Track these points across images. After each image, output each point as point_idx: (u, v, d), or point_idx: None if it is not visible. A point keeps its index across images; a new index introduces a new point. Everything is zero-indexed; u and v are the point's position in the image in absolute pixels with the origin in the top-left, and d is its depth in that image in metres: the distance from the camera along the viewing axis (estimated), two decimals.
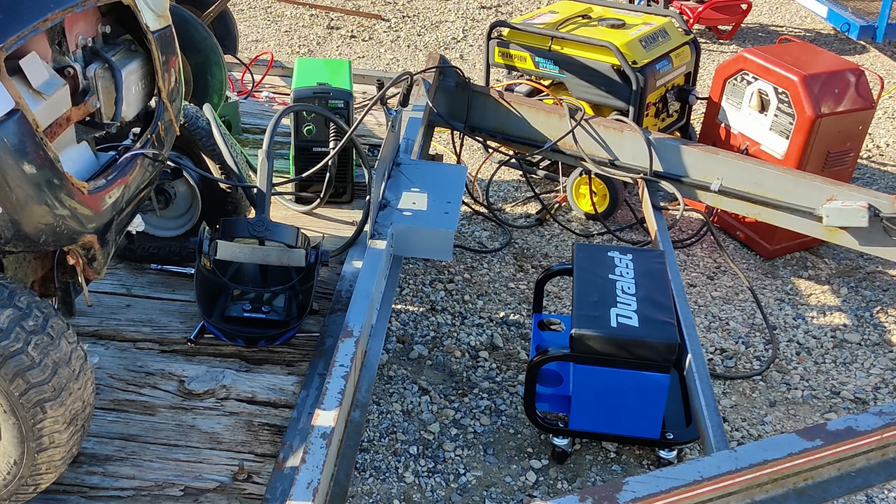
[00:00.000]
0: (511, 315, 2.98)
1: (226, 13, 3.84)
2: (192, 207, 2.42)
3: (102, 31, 1.78)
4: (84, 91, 1.67)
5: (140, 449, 1.87)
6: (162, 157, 1.96)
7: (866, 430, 1.50)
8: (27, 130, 1.43)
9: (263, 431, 1.93)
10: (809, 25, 6.29)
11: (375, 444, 2.39)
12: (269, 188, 2.28)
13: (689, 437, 2.28)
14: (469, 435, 2.45)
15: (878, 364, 2.83)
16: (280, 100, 3.75)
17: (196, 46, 2.95)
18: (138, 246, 2.44)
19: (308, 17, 6.07)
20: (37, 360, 1.43)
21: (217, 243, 2.15)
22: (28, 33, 1.45)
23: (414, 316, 2.95)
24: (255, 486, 1.79)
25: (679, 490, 1.38)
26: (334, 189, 2.80)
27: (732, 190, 2.92)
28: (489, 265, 3.28)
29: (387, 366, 2.68)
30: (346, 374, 1.86)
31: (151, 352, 2.16)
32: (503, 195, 3.83)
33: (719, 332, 2.97)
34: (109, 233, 1.77)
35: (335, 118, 2.64)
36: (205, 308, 2.19)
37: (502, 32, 3.58)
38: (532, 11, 4.13)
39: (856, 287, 3.23)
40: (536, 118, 3.25)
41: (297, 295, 2.28)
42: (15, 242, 1.50)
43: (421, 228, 2.45)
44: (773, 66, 3.20)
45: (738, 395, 2.69)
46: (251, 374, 2.10)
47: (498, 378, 2.68)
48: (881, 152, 4.42)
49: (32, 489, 1.58)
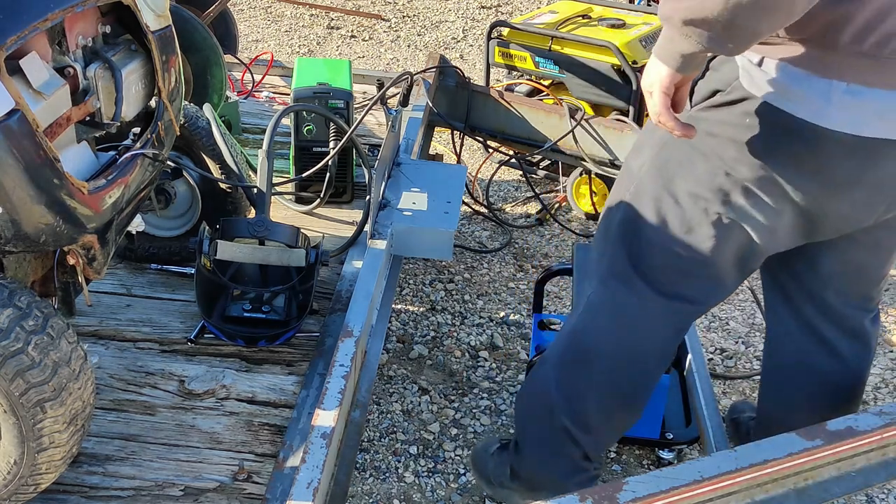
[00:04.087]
0: (511, 315, 2.98)
1: (226, 13, 3.84)
2: (192, 207, 2.42)
3: (102, 31, 1.78)
4: (84, 91, 1.67)
5: (140, 449, 1.87)
6: (162, 157, 1.96)
7: (866, 429, 1.50)
8: (27, 130, 1.43)
9: (263, 431, 1.93)
10: None
11: (375, 444, 2.39)
12: (269, 188, 2.28)
13: (689, 437, 2.28)
14: (469, 435, 2.45)
15: (878, 364, 2.83)
16: (280, 100, 3.75)
17: (196, 46, 2.95)
18: (138, 246, 2.44)
19: (308, 17, 6.07)
20: (37, 360, 1.43)
21: (217, 243, 2.15)
22: (28, 33, 1.45)
23: (414, 316, 2.95)
24: (255, 486, 1.79)
25: (679, 490, 1.38)
26: (334, 189, 2.80)
27: None
28: (489, 265, 3.28)
29: (387, 366, 2.68)
30: (346, 374, 1.86)
31: (151, 352, 2.16)
32: (503, 195, 3.83)
33: (719, 332, 2.97)
34: (109, 233, 1.77)
35: (335, 118, 2.64)
36: (205, 308, 2.19)
37: (502, 32, 3.58)
38: (532, 11, 4.13)
39: None
40: (536, 118, 3.25)
41: (297, 295, 2.28)
42: (15, 242, 1.50)
43: (421, 228, 2.45)
44: None
45: (738, 395, 2.69)
46: (251, 374, 2.10)
47: (498, 378, 2.68)
48: None
49: (32, 489, 1.58)
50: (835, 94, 1.35)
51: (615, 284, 1.73)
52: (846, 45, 1.32)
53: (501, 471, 2.05)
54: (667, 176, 1.60)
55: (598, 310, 1.78)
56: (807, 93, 1.36)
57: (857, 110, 1.36)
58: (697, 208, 1.57)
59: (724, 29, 1.24)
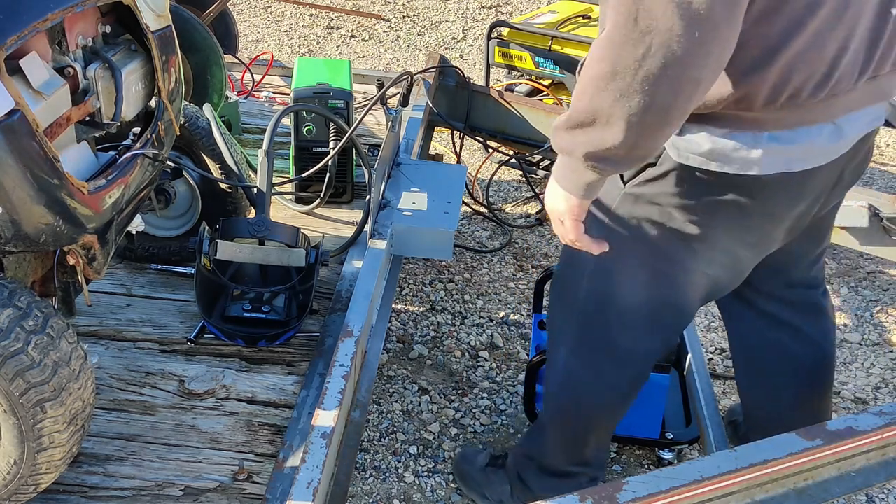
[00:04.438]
0: (511, 315, 2.98)
1: (226, 13, 3.84)
2: (192, 207, 2.42)
3: (102, 31, 1.78)
4: (84, 91, 1.67)
5: (140, 449, 1.87)
6: (162, 157, 1.97)
7: (866, 429, 1.50)
8: (27, 130, 1.43)
9: (263, 431, 1.93)
10: None
11: (375, 444, 2.39)
12: (269, 188, 2.28)
13: (689, 437, 2.28)
14: (469, 434, 2.45)
15: (879, 364, 2.83)
16: (280, 100, 3.75)
17: (196, 46, 2.95)
18: (138, 246, 2.44)
19: (308, 17, 6.07)
20: (37, 360, 1.43)
21: (217, 243, 2.15)
22: (28, 33, 1.45)
23: (414, 316, 2.95)
24: (255, 486, 1.79)
25: (679, 490, 1.38)
26: (334, 189, 2.80)
27: None
28: (489, 265, 3.28)
29: (387, 366, 2.68)
30: (346, 374, 1.86)
31: (151, 352, 2.16)
32: (503, 195, 3.83)
33: (719, 332, 2.97)
34: (109, 233, 1.77)
35: (335, 118, 2.64)
36: (205, 308, 2.19)
37: (502, 32, 3.58)
38: (532, 11, 4.13)
39: (856, 287, 3.23)
40: (536, 118, 3.25)
41: (297, 295, 2.28)
42: (15, 242, 1.50)
43: (421, 228, 2.45)
44: None
45: (738, 394, 2.68)
46: (251, 374, 2.10)
47: (498, 378, 2.68)
48: (881, 152, 4.42)
49: (32, 489, 1.58)
50: (760, 143, 1.39)
51: (587, 354, 1.80)
52: (761, 107, 1.36)
53: (500, 489, 2.12)
54: (624, 249, 1.62)
55: (574, 376, 1.84)
56: (732, 150, 1.41)
57: (783, 153, 1.41)
58: (660, 271, 1.62)
59: (626, 154, 1.28)
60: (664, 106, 1.22)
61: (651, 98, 1.21)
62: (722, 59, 1.23)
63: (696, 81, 1.22)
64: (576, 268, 1.72)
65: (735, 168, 1.42)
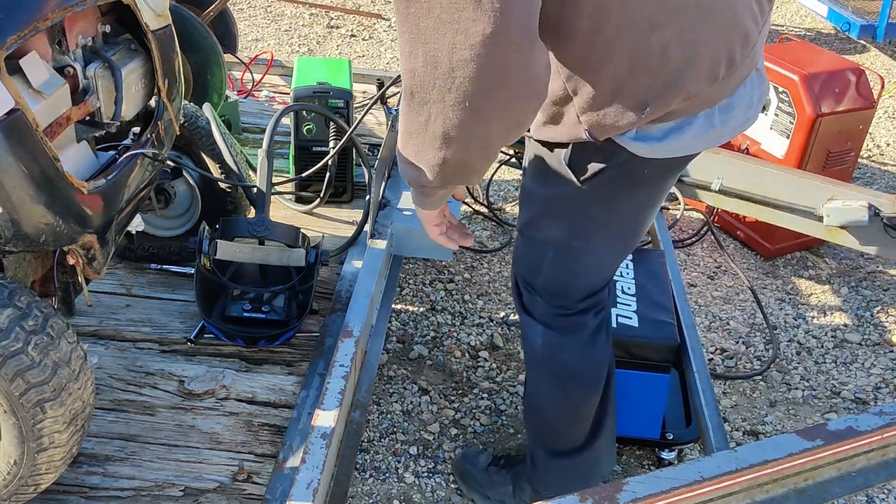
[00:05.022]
0: (511, 315, 2.98)
1: (226, 12, 3.83)
2: (192, 207, 2.42)
3: (102, 31, 1.78)
4: (84, 90, 1.67)
5: (140, 449, 1.86)
6: (162, 156, 1.96)
7: (867, 430, 1.50)
8: (27, 130, 1.43)
9: (263, 431, 1.93)
10: (810, 25, 6.29)
11: (375, 445, 2.39)
12: (269, 188, 2.28)
13: (689, 438, 2.28)
14: (469, 435, 2.45)
15: (879, 364, 2.83)
16: (280, 99, 3.74)
17: (196, 46, 2.95)
18: (138, 246, 2.43)
19: (308, 17, 6.07)
20: (37, 360, 1.43)
21: (217, 243, 2.15)
22: (28, 33, 1.45)
23: (414, 316, 2.95)
24: (255, 486, 1.79)
25: (679, 490, 1.38)
26: (334, 189, 2.80)
27: (733, 189, 2.92)
28: (489, 265, 3.28)
29: (387, 366, 2.68)
30: (346, 374, 1.86)
31: (151, 352, 2.15)
32: (503, 195, 3.83)
33: (720, 332, 2.97)
34: (109, 233, 1.77)
35: (335, 118, 2.63)
36: (204, 308, 2.19)
37: None
38: None
39: (856, 287, 3.23)
40: None
41: (297, 295, 2.28)
42: (15, 242, 1.49)
43: (421, 228, 2.44)
44: (773, 65, 3.19)
45: (738, 395, 2.69)
46: (251, 374, 2.10)
47: (498, 378, 2.68)
48: (881, 152, 4.42)
49: (32, 489, 1.58)
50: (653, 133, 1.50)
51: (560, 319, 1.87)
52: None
53: (502, 489, 2.14)
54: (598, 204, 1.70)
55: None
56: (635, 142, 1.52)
57: (672, 142, 1.52)
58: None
59: (442, 185, 1.40)
60: (460, 158, 1.31)
61: (444, 152, 1.30)
62: (508, 115, 1.26)
63: (484, 137, 1.28)
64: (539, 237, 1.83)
65: (642, 153, 1.53)
